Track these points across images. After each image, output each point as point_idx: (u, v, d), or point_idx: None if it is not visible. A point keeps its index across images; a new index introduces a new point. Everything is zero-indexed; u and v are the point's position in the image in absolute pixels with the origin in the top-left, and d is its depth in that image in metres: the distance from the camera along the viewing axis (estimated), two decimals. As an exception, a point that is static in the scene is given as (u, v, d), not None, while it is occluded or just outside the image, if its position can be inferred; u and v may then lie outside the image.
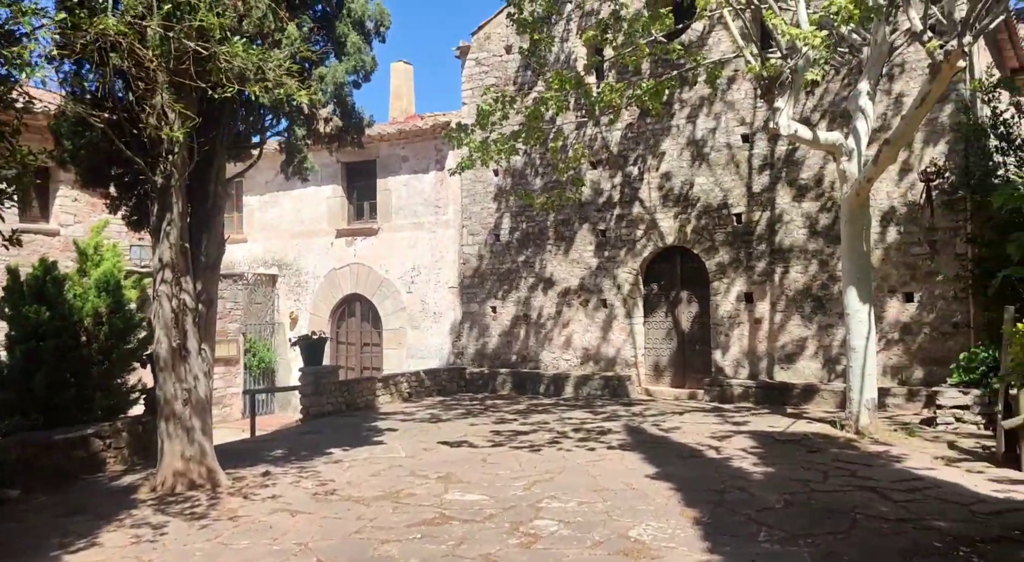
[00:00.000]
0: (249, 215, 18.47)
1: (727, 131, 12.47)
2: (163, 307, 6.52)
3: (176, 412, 6.61)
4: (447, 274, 15.54)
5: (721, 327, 12.42)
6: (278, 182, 17.82)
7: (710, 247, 12.57)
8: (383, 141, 16.34)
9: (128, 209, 7.25)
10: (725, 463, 7.57)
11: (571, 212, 13.95)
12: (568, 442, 8.87)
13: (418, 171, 16.01)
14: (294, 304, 17.60)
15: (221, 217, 7.03)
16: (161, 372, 6.58)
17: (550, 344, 14.16)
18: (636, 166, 13.36)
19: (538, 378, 13.93)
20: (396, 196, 16.27)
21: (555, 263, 14.14)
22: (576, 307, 13.90)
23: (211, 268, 6.95)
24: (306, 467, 7.71)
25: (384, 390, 13.01)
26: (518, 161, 14.53)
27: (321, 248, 17.25)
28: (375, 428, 10.17)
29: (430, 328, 15.66)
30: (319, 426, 10.64)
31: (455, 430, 9.91)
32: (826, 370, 11.50)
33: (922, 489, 6.35)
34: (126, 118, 6.24)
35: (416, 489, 6.72)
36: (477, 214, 15.13)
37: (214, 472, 6.80)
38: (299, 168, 7.16)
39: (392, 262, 16.20)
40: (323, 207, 17.27)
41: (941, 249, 10.65)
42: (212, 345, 6.98)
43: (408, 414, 11.56)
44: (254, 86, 5.28)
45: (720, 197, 12.52)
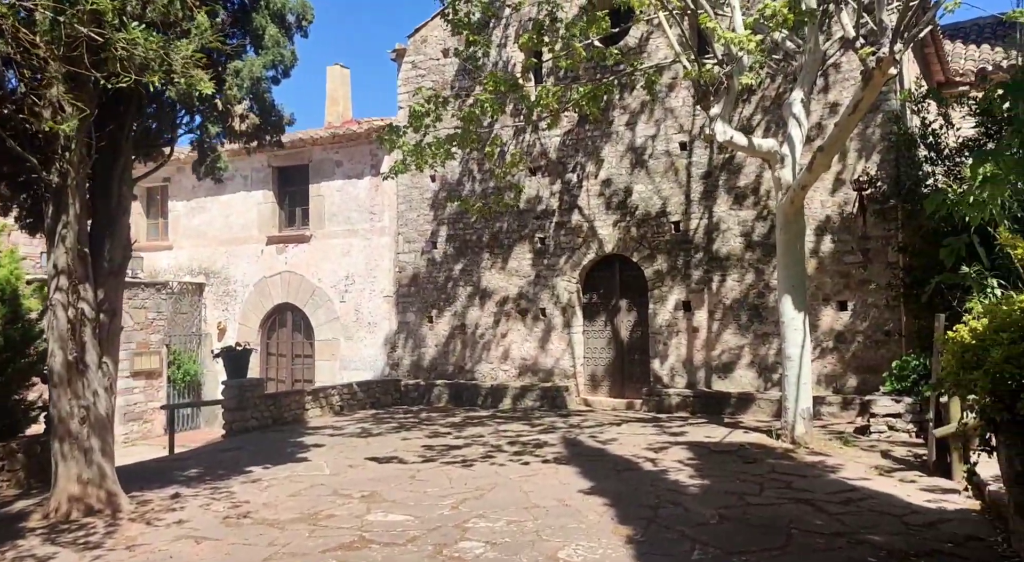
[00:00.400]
0: (175, 221, 17.69)
1: (666, 138, 12.41)
2: (58, 317, 5.98)
3: (72, 431, 6.07)
4: (382, 283, 15.10)
5: (659, 336, 12.31)
6: (206, 187, 17.10)
7: (649, 255, 12.47)
8: (316, 145, 15.85)
9: (23, 211, 6.67)
10: (661, 476, 7.36)
11: (510, 220, 13.70)
12: (502, 456, 8.56)
13: (352, 176, 15.55)
14: (222, 314, 16.88)
15: (126, 219, 6.51)
16: (55, 388, 6.03)
17: (488, 355, 13.84)
18: (575, 173, 13.20)
19: (476, 390, 13.59)
20: (330, 202, 15.76)
21: (493, 272, 13.85)
22: (515, 317, 13.63)
23: (115, 274, 6.43)
24: (220, 487, 7.21)
25: (314, 403, 12.49)
26: (455, 167, 14.22)
27: (251, 256, 16.60)
28: (301, 444, 9.68)
29: (364, 339, 15.18)
30: (242, 442, 10.09)
31: (385, 445, 9.50)
32: (762, 379, 11.47)
33: (857, 500, 6.24)
34: (13, 111, 5.71)
35: (337, 510, 6.31)
36: (413, 221, 14.75)
37: (115, 496, 6.26)
38: (212, 168, 6.71)
39: (325, 270, 15.68)
40: (253, 213, 16.64)
41: (873, 258, 10.74)
42: (115, 358, 6.45)
43: (338, 429, 11.08)
44: (153, 76, 4.84)
45: (659, 205, 12.44)
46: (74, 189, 5.82)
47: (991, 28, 15.25)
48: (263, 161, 16.47)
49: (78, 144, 5.68)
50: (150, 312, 15.87)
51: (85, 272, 6.09)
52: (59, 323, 5.97)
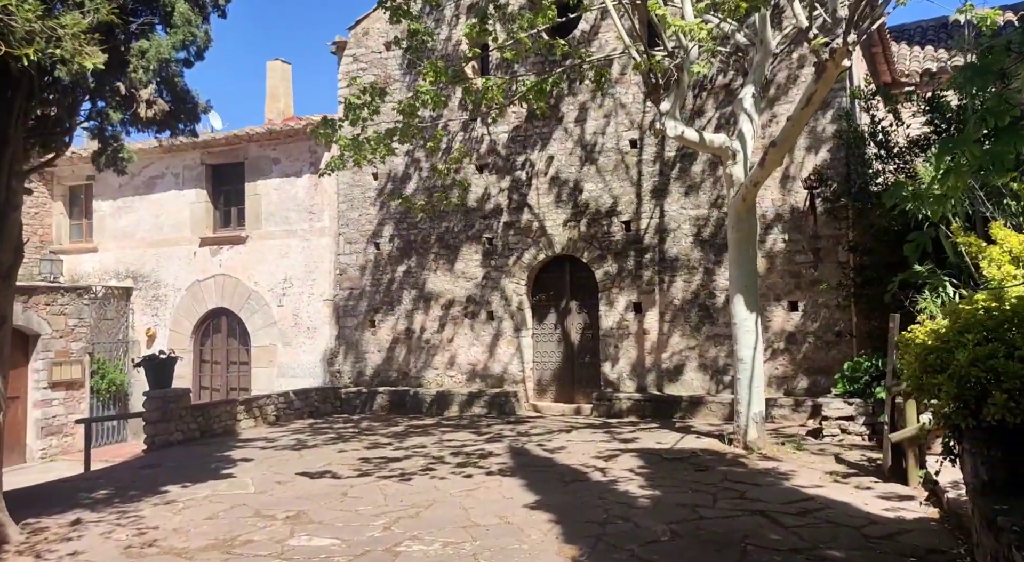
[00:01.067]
0: (100, 222, 16.71)
1: (616, 134, 12.07)
2: (-68, 325, 5.29)
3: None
4: (322, 286, 14.44)
5: (610, 339, 11.95)
6: (134, 186, 16.28)
7: (599, 256, 12.11)
8: (252, 142, 15.11)
9: None
10: (611, 487, 6.95)
11: (456, 219, 13.20)
12: (444, 469, 8.05)
13: (291, 174, 14.86)
14: (151, 320, 15.98)
15: (16, 217, 5.80)
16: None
17: (434, 361, 13.31)
18: (524, 170, 12.77)
19: (420, 397, 13.03)
20: (267, 201, 15.04)
21: (439, 274, 13.33)
22: (462, 320, 13.12)
23: (4, 278, 5.73)
24: (128, 511, 6.54)
25: (246, 414, 11.78)
26: (399, 164, 13.68)
27: (183, 258, 15.75)
28: (228, 458, 9.01)
29: (304, 344, 14.50)
30: (163, 458, 9.37)
31: (320, 458, 8.91)
32: (713, 381, 11.20)
33: (813, 511, 5.92)
34: None
35: (256, 534, 5.73)
36: (355, 221, 14.13)
37: (1, 526, 5.56)
38: (114, 159, 6.05)
39: (262, 273, 14.94)
40: (186, 213, 15.79)
41: (824, 257, 10.55)
42: (4, 372, 5.74)
43: (271, 440, 10.43)
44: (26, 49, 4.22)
45: (609, 203, 12.09)
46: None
47: (934, 30, 15.36)
48: (196, 159, 15.68)
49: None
50: (71, 319, 14.91)
51: (-34, 274, 5.40)
52: (-65, 332, 5.28)
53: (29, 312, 14.07)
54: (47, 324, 14.44)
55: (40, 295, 14.33)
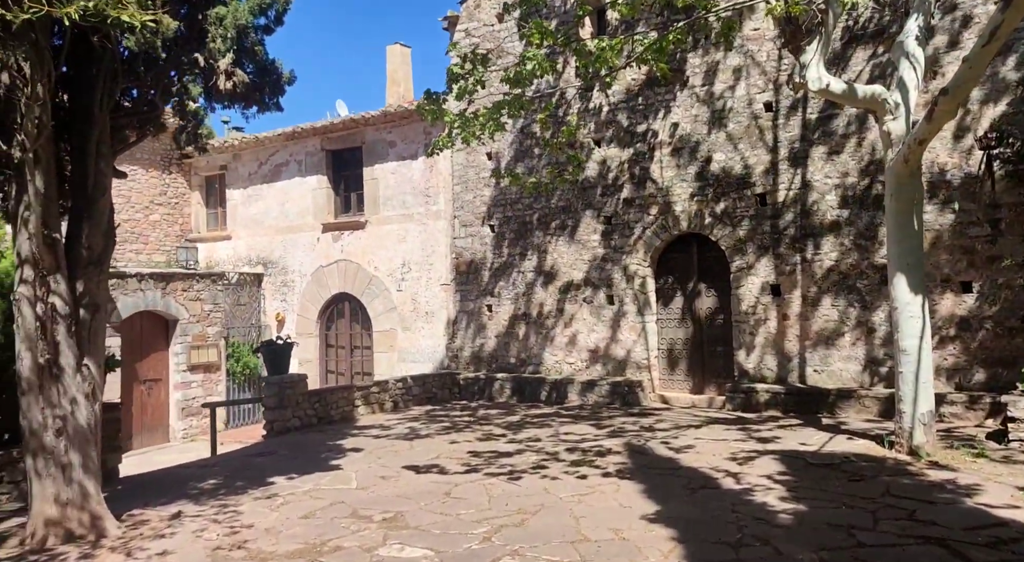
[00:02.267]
0: (232, 210, 17.22)
1: (748, 97, 10.87)
2: (24, 314, 5.16)
3: (46, 445, 5.25)
4: (439, 270, 14.12)
5: (744, 324, 10.84)
6: (262, 174, 16.63)
7: (731, 232, 10.99)
8: (368, 126, 14.98)
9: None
10: (745, 497, 6.04)
11: (573, 197, 12.45)
12: (557, 467, 7.39)
13: (406, 157, 14.61)
14: (280, 305, 16.31)
15: (107, 200, 5.64)
16: (25, 396, 5.22)
17: (552, 345, 12.67)
18: (645, 141, 11.81)
19: (539, 384, 12.44)
20: (384, 185, 14.88)
21: (556, 255, 12.65)
22: (580, 303, 12.40)
23: (97, 264, 5.57)
24: (229, 505, 6.32)
25: (364, 400, 11.62)
26: (511, 140, 13.08)
27: (307, 244, 15.93)
28: (338, 448, 8.77)
29: (422, 329, 14.26)
30: (278, 445, 9.28)
31: (429, 450, 8.48)
32: (867, 373, 9.87)
33: (1010, 542, 4.77)
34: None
35: (347, 539, 5.30)
36: (470, 203, 13.68)
37: (99, 519, 5.43)
38: (194, 136, 5.76)
39: (380, 258, 14.82)
40: (308, 199, 15.95)
41: (1005, 230, 8.96)
42: (99, 360, 5.60)
43: (386, 428, 10.16)
44: (67, 8, 3.87)
45: (741, 173, 10.93)
46: (32, 163, 4.96)
47: None
48: (317, 145, 15.77)
49: (28, 108, 4.80)
50: (206, 304, 15.43)
51: (55, 261, 5.24)
52: (26, 321, 5.16)
53: (168, 298, 14.64)
54: (184, 310, 14.99)
55: (177, 281, 14.88)
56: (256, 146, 16.65)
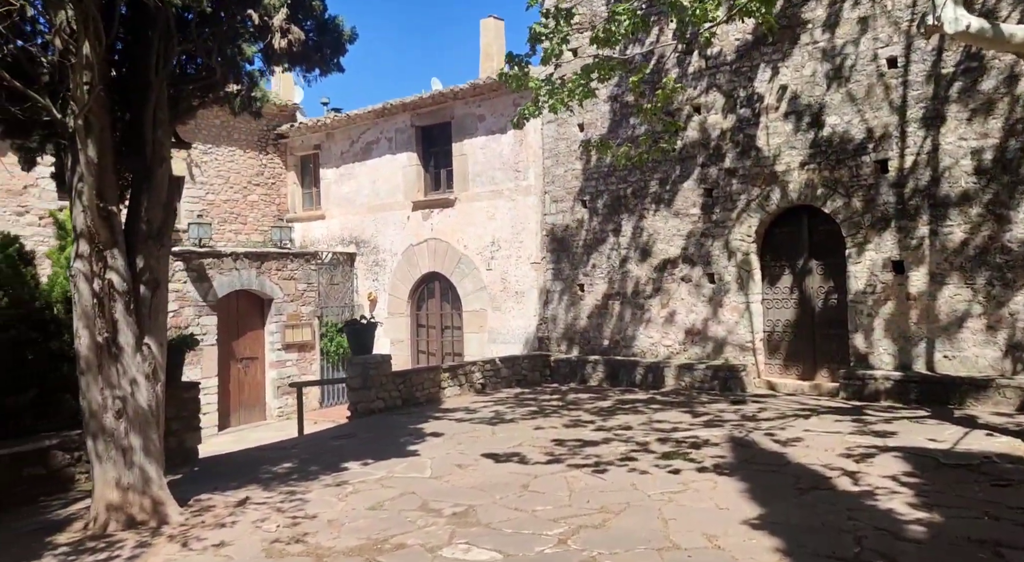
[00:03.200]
0: (326, 190, 17.28)
1: (871, 51, 9.73)
2: (80, 291, 5.00)
3: (106, 427, 5.09)
4: (529, 248, 13.61)
5: (861, 304, 9.79)
6: (353, 152, 16.57)
7: (847, 203, 9.92)
8: (457, 100, 14.57)
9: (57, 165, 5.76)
10: (864, 502, 5.24)
11: (670, 169, 11.63)
12: (646, 460, 6.76)
13: (495, 131, 14.12)
14: (372, 284, 16.26)
15: (165, 171, 5.39)
16: (83, 376, 5.07)
17: (647, 326, 11.95)
18: (750, 106, 10.84)
19: (633, 367, 11.77)
20: (473, 161, 14.46)
21: (652, 230, 11.88)
22: (678, 281, 11.60)
23: (156, 238, 5.35)
24: (298, 492, 6.06)
25: (452, 381, 11.30)
26: (604, 110, 12.36)
27: (398, 223, 15.76)
28: (419, 432, 8.45)
29: (512, 309, 13.82)
30: (359, 427, 9.07)
31: (512, 436, 8.02)
32: (1009, 359, 8.68)
33: None
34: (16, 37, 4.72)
35: (411, 536, 4.89)
36: (561, 177, 13.06)
37: (161, 505, 5.24)
38: (248, 101, 5.41)
39: (470, 236, 14.45)
40: (399, 177, 15.75)
41: None
42: (160, 339, 5.40)
43: (470, 411, 9.79)
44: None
45: (860, 138, 9.83)
46: (83, 131, 4.74)
47: None
48: (406, 121, 15.52)
49: (78, 73, 4.55)
50: (300, 283, 15.54)
51: (111, 235, 5.04)
52: (82, 297, 4.99)
53: (262, 277, 14.80)
54: (279, 289, 15.14)
55: (271, 261, 15.02)
56: (348, 124, 16.59)
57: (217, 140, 16.58)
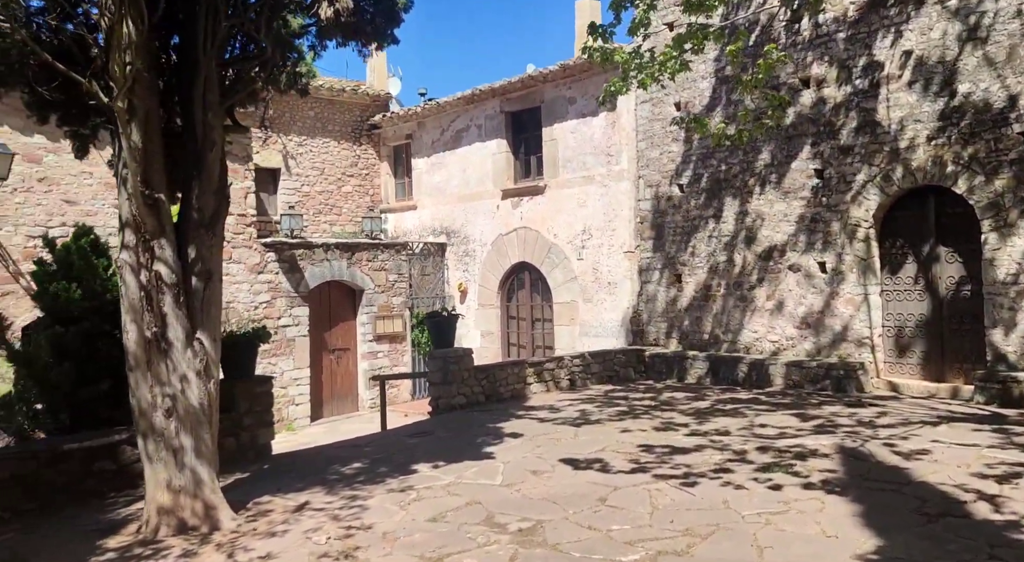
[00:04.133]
0: (417, 179, 17.11)
1: (1014, 5, 8.47)
2: (127, 283, 4.78)
3: (156, 427, 4.87)
4: (622, 236, 12.90)
5: (1002, 296, 8.58)
6: (444, 141, 16.31)
7: (984, 182, 8.71)
8: (547, 83, 13.99)
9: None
10: (1009, 536, 4.35)
11: (775, 148, 10.66)
12: (743, 471, 6.02)
13: (586, 114, 13.46)
14: (463, 275, 15.96)
15: (216, 156, 5.09)
16: (132, 372, 4.86)
17: (751, 319, 11.03)
18: (867, 76, 9.73)
19: (735, 363, 10.89)
20: (563, 146, 13.86)
21: (756, 214, 10.93)
22: (785, 270, 10.63)
23: (208, 227, 5.08)
24: (359, 498, 5.70)
25: (537, 377, 10.79)
26: (703, 87, 11.48)
27: (487, 212, 15.37)
28: (497, 432, 7.98)
29: (605, 301, 13.16)
30: (438, 424, 8.71)
31: (595, 440, 7.43)
32: None
33: None
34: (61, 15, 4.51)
35: (469, 556, 4.40)
36: (655, 160, 12.27)
37: (213, 509, 4.99)
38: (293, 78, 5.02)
39: (560, 224, 13.87)
40: (488, 165, 15.35)
41: None
42: (214, 333, 5.14)
43: (555, 410, 9.25)
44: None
45: (1001, 105, 8.59)
46: (125, 115, 4.48)
47: None
48: (496, 107, 15.08)
49: (117, 52, 4.28)
50: (391, 274, 15.42)
51: (158, 224, 4.79)
52: (129, 290, 4.77)
53: (353, 268, 14.76)
54: (370, 280, 15.07)
55: (362, 252, 14.96)
56: (438, 112, 16.33)
57: (312, 132, 16.68)
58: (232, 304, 12.86)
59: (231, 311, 12.83)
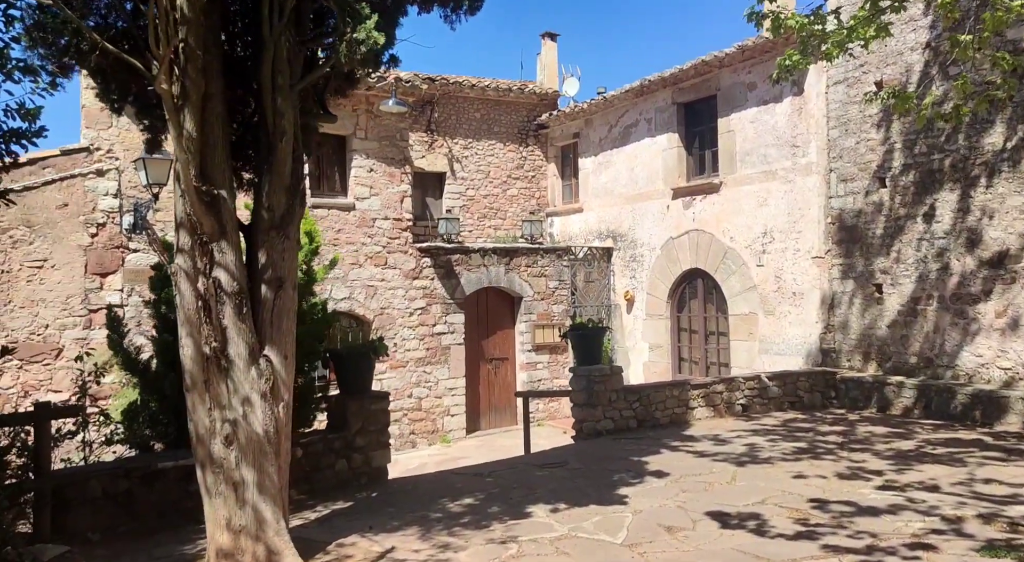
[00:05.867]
0: (584, 180, 16.16)
1: None
2: (182, 292, 4.25)
3: (214, 456, 4.31)
4: (809, 239, 11.11)
5: None
6: (611, 138, 15.26)
7: None
8: (723, 67, 12.48)
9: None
10: None
11: (1009, 128, 8.53)
12: (956, 549, 4.44)
13: (768, 100, 11.80)
14: (629, 282, 14.78)
15: (287, 147, 4.44)
16: (189, 393, 4.33)
17: (974, 339, 8.93)
18: None
19: (951, 393, 8.85)
20: (741, 138, 12.28)
21: (981, 212, 8.84)
22: (1020, 280, 8.47)
23: (280, 228, 4.46)
24: (451, 546, 4.85)
25: (703, 401, 9.44)
26: (913, 60, 9.52)
27: (656, 213, 14.08)
28: (639, 468, 6.82)
29: (788, 314, 11.42)
30: (575, 453, 7.70)
31: (758, 486, 6.05)
32: None
33: None
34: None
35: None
36: (851, 150, 10.41)
37: (276, 555, 4.33)
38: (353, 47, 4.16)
39: (737, 226, 12.30)
40: (658, 162, 14.06)
41: None
42: (286, 349, 4.50)
43: (719, 442, 7.90)
44: None
45: None
46: (171, 98, 3.92)
47: None
48: (667, 98, 13.78)
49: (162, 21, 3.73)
50: (551, 281, 14.62)
51: (218, 225, 4.21)
52: (184, 300, 4.24)
53: (511, 274, 14.12)
54: (528, 286, 14.36)
55: (521, 257, 14.28)
56: (605, 108, 15.29)
57: (477, 134, 16.28)
58: (387, 310, 12.66)
59: (385, 317, 12.63)
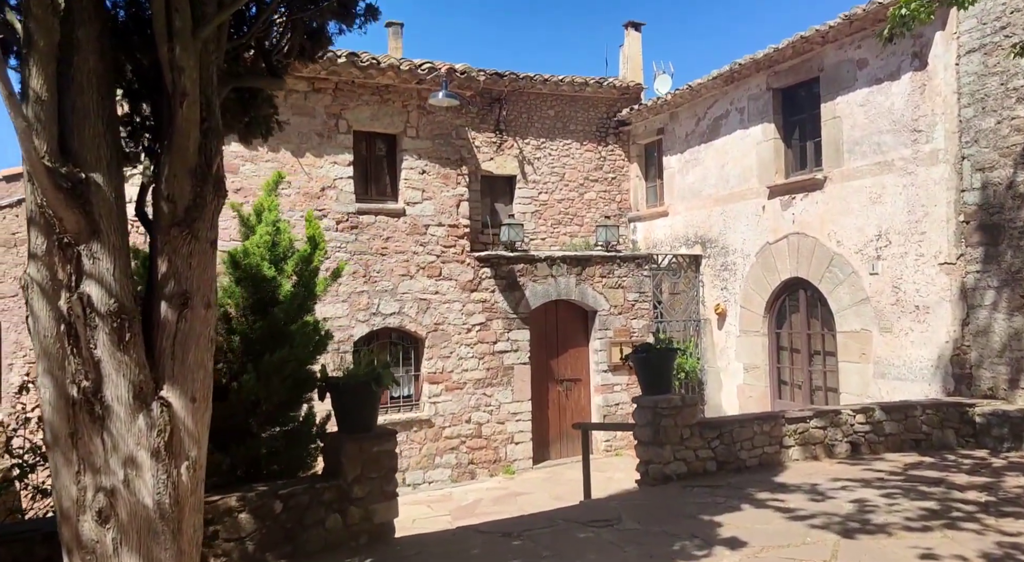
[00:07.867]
0: (669, 181, 14.53)
1: None
2: (36, 313, 3.13)
3: (83, 539, 3.14)
4: (935, 242, 9.17)
5: None
6: (699, 132, 13.65)
7: None
8: (826, 43, 10.69)
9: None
10: None
11: None
12: None
13: (882, 78, 9.92)
14: (720, 293, 13.06)
15: (192, 113, 3.26)
16: (50, 451, 3.19)
17: None
18: None
19: None
20: (849, 125, 10.43)
21: None
22: None
23: (183, 224, 3.28)
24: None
25: (799, 438, 7.73)
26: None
27: (750, 215, 12.34)
28: (709, 532, 5.29)
29: (910, 331, 9.49)
30: (632, 507, 6.22)
31: (866, 575, 4.43)
32: None
33: None
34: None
35: None
36: (989, 133, 8.46)
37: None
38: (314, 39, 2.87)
39: (845, 228, 10.44)
40: (751, 157, 12.32)
41: None
42: (193, 389, 3.31)
43: (817, 495, 6.25)
44: None
45: None
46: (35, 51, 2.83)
47: None
48: (761, 84, 12.07)
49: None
50: (630, 292, 13.11)
51: (87, 221, 3.06)
52: (40, 324, 3.11)
53: (583, 285, 12.73)
54: (604, 299, 12.92)
55: (594, 266, 12.87)
56: (692, 99, 13.66)
57: (551, 133, 14.95)
58: (441, 326, 11.50)
59: (439, 333, 11.47)
